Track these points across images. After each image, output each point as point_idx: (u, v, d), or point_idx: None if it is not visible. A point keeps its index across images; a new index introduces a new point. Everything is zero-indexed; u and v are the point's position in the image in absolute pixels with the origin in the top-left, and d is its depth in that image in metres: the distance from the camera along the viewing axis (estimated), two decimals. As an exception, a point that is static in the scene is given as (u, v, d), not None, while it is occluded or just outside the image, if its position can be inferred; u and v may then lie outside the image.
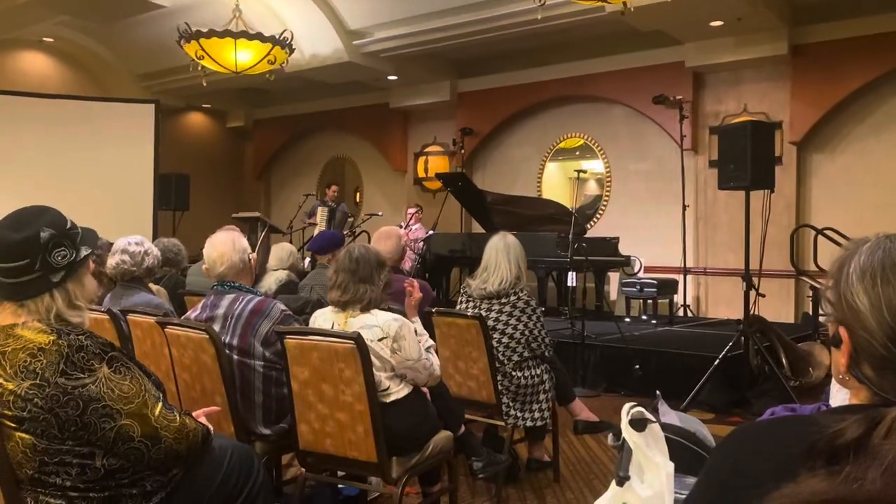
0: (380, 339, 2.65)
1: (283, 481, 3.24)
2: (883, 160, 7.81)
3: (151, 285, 3.75)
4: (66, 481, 1.70)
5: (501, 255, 3.66)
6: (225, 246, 2.85)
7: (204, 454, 1.95)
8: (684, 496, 1.14)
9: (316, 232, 9.44)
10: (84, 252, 1.82)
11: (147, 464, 1.78)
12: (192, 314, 2.90)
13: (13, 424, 1.67)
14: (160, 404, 1.81)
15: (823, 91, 7.94)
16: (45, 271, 1.74)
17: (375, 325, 2.68)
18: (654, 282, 7.96)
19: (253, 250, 3.01)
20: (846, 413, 0.91)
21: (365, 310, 2.72)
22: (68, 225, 1.80)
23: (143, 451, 1.75)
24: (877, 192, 7.74)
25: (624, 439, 1.37)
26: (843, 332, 1.00)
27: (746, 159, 5.22)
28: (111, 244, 3.58)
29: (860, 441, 0.83)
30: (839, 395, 1.86)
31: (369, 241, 7.79)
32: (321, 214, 9.66)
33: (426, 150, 11.35)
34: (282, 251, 4.89)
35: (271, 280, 4.64)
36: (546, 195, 9.77)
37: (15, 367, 1.66)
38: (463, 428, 3.14)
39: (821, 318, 6.46)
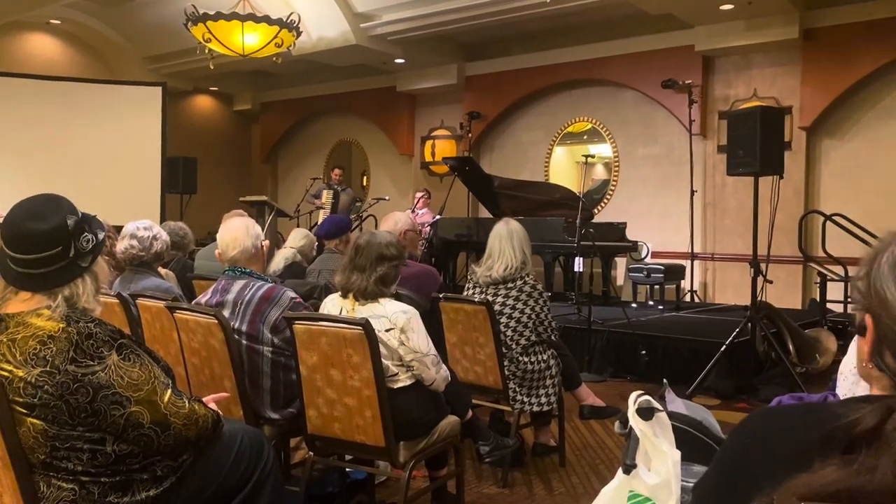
0: (387, 330, 2.65)
1: (291, 465, 3.26)
2: (893, 146, 7.74)
3: (160, 269, 3.77)
4: (77, 466, 1.72)
5: (505, 241, 3.67)
6: (239, 231, 2.87)
7: (214, 439, 1.97)
8: (691, 484, 1.15)
9: (321, 216, 9.46)
10: (101, 234, 1.83)
11: (157, 450, 1.79)
12: (202, 299, 2.92)
13: (24, 410, 1.68)
14: (169, 391, 1.82)
15: (834, 76, 7.87)
16: (75, 257, 1.76)
17: (384, 315, 2.68)
18: (662, 267, 7.95)
19: (262, 235, 3.03)
20: (864, 402, 0.91)
21: (363, 298, 2.73)
22: (80, 210, 1.82)
23: (152, 438, 1.76)
24: (887, 178, 7.69)
25: (631, 427, 1.37)
26: (868, 319, 1.00)
27: (755, 145, 5.19)
28: (119, 229, 3.59)
29: (876, 430, 0.84)
30: (846, 384, 1.87)
31: (376, 226, 7.80)
32: (326, 198, 9.66)
33: (433, 133, 11.32)
34: (299, 233, 5.05)
35: (279, 258, 4.71)
36: (554, 179, 9.74)
37: (25, 355, 1.67)
38: (470, 413, 3.16)
39: (848, 308, 6.41)
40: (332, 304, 2.84)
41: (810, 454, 0.85)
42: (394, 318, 2.67)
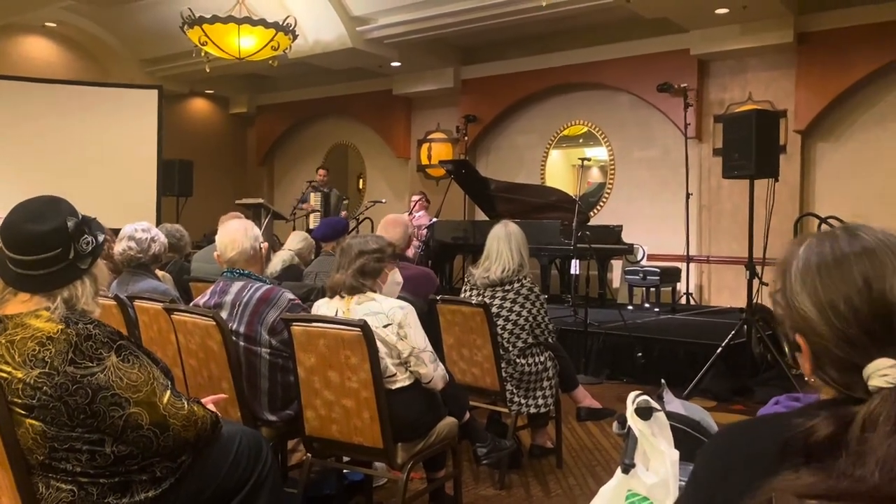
0: (385, 326, 2.67)
1: (289, 466, 3.26)
2: (888, 149, 7.78)
3: (157, 271, 3.77)
4: (76, 467, 1.72)
5: (503, 243, 3.68)
6: (237, 232, 2.87)
7: (213, 441, 1.97)
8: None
9: (313, 218, 9.45)
10: (101, 237, 1.83)
11: (156, 451, 1.79)
12: (200, 300, 2.92)
13: (23, 412, 1.68)
14: (168, 392, 1.82)
15: (829, 79, 7.91)
16: (75, 259, 1.76)
17: (380, 311, 2.69)
18: (657, 270, 7.97)
19: (258, 237, 3.02)
20: (819, 409, 0.93)
21: (348, 293, 2.76)
22: (80, 212, 1.82)
23: (151, 439, 1.76)
24: (882, 180, 7.73)
25: (629, 427, 1.38)
26: (799, 339, 1.01)
27: (751, 148, 5.21)
28: (116, 232, 3.59)
29: (834, 438, 0.87)
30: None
31: (373, 229, 7.80)
32: (315, 200, 9.63)
33: (429, 136, 11.33)
34: (297, 235, 5.09)
35: (277, 260, 4.74)
36: (550, 183, 9.75)
37: (24, 356, 1.67)
38: (467, 415, 3.16)
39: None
40: (327, 308, 2.84)
41: (774, 464, 0.88)
42: (391, 313, 2.68)
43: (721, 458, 0.99)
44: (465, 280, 3.91)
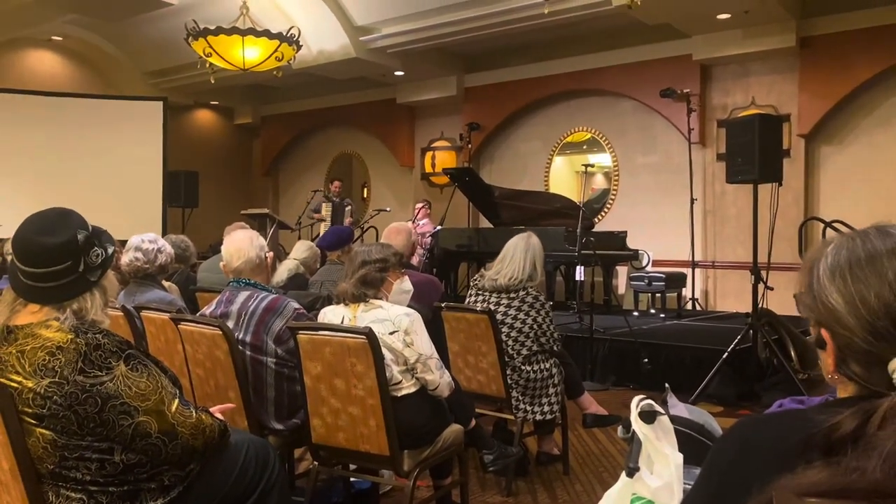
0: (391, 333, 2.68)
1: (296, 475, 3.27)
2: (892, 152, 7.77)
3: (164, 282, 3.79)
4: (85, 476, 1.73)
5: (519, 251, 3.71)
6: (243, 242, 2.89)
7: (221, 449, 1.98)
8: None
9: (322, 228, 9.50)
10: (111, 249, 1.85)
11: (164, 459, 1.80)
12: (207, 310, 2.93)
13: (33, 421, 1.70)
14: (177, 401, 1.83)
15: (832, 83, 7.91)
16: (84, 272, 1.78)
17: (387, 318, 2.71)
18: (663, 275, 7.96)
19: (263, 247, 3.04)
20: (840, 406, 0.93)
21: (352, 301, 2.79)
22: (91, 225, 1.84)
23: (160, 447, 1.78)
24: (885, 183, 7.72)
25: (634, 431, 1.39)
26: (825, 333, 1.01)
27: (754, 152, 5.22)
28: (124, 242, 3.62)
29: (856, 433, 0.85)
30: (846, 388, 1.88)
31: (377, 237, 7.82)
32: (326, 210, 9.70)
33: (433, 145, 11.37)
34: (303, 245, 5.10)
35: (282, 269, 4.76)
36: (553, 189, 9.77)
37: (34, 366, 1.69)
38: (473, 422, 3.17)
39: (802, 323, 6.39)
40: (333, 314, 2.86)
41: (793, 458, 0.87)
42: (397, 320, 2.70)
43: (737, 450, 0.98)
44: (472, 283, 3.92)
